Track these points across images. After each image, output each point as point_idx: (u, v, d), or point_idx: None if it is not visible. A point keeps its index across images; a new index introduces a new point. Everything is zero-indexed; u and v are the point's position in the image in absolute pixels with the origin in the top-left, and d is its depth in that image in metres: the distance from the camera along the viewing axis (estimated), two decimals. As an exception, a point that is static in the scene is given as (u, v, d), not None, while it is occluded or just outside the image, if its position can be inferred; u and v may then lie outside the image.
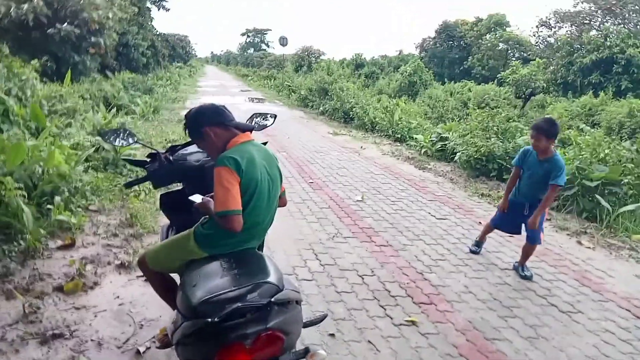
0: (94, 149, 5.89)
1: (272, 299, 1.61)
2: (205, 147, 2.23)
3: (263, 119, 2.86)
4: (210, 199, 2.07)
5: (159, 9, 39.21)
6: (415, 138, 10.02)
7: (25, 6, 12.38)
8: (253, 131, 2.32)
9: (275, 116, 2.95)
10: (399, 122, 11.75)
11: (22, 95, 6.37)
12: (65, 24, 13.25)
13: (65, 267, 3.56)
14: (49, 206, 4.12)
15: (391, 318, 3.21)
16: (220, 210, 1.91)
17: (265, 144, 2.46)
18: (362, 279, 3.79)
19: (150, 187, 4.17)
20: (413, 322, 3.16)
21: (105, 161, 6.02)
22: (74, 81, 12.13)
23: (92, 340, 2.74)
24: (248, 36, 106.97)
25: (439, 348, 2.88)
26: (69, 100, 7.72)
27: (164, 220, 3.15)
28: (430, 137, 9.57)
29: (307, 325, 2.29)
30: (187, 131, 2.20)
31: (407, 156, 9.16)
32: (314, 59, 47.38)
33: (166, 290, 2.27)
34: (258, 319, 1.58)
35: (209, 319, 1.54)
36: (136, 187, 5.24)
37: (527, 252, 3.96)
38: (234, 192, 1.91)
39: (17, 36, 13.09)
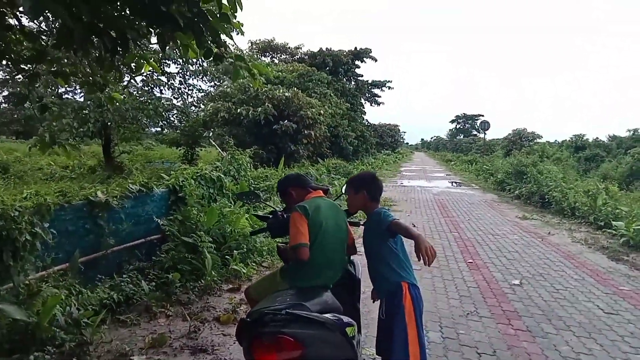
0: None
1: (288, 311, 2.02)
2: (289, 202, 2.86)
3: None
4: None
5: (371, 104, 43.81)
6: (615, 226, 8.70)
7: (259, 109, 15.91)
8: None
9: None
10: (602, 208, 10.36)
11: (237, 175, 8.25)
12: (286, 120, 16.36)
13: (227, 304, 4.54)
14: (229, 258, 5.29)
15: (491, 397, 3.07)
16: (293, 244, 2.47)
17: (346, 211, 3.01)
18: (480, 356, 3.68)
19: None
20: (514, 406, 2.97)
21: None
22: (288, 166, 14.68)
23: (224, 359, 3.48)
24: (458, 122, 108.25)
25: None
26: (272, 180, 9.54)
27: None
28: (634, 225, 8.21)
29: None
30: (278, 192, 2.88)
31: (602, 245, 8.02)
32: (526, 142, 44.92)
33: None
34: (277, 325, 2.00)
35: (244, 318, 2.07)
36: None
37: None
38: (302, 230, 2.48)
39: (252, 131, 16.72)
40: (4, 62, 3.69)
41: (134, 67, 4.09)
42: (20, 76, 3.99)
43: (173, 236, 5.39)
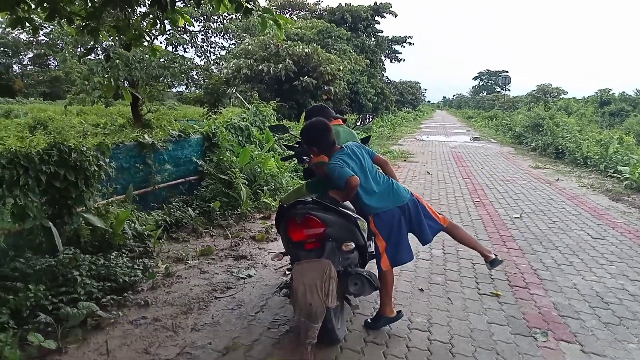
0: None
1: (314, 198, 2.70)
2: None
3: (364, 119, 3.97)
4: None
5: (391, 61, 43.24)
6: (620, 170, 9.13)
7: (280, 66, 16.39)
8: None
9: (373, 116, 3.99)
10: (613, 156, 10.72)
11: (262, 125, 8.92)
12: (306, 77, 16.82)
13: (260, 227, 5.34)
14: (260, 192, 6.04)
15: (479, 289, 3.78)
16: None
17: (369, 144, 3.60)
18: (473, 265, 4.37)
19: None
20: (497, 295, 3.67)
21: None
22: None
23: (261, 263, 4.29)
24: (481, 79, 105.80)
25: (507, 312, 3.36)
26: (294, 131, 10.19)
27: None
28: (639, 170, 8.63)
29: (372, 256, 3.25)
30: (305, 120, 3.52)
31: (606, 189, 8.50)
32: (550, 98, 44.11)
33: None
34: (306, 208, 2.68)
35: (282, 204, 2.78)
36: None
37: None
38: None
39: (274, 88, 17.28)
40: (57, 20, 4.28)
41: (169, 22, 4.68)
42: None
43: (210, 175, 6.14)
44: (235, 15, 21.97)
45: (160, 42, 21.62)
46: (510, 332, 3.07)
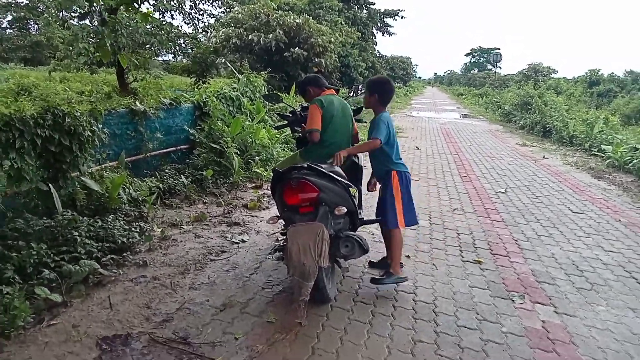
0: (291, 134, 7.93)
1: (309, 164, 2.82)
2: (307, 99, 3.58)
3: (356, 90, 4.06)
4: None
5: (383, 35, 42.75)
6: (604, 149, 9.37)
7: (270, 36, 16.17)
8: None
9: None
10: (597, 135, 10.96)
11: (253, 96, 8.91)
12: (297, 48, 16.63)
13: (252, 196, 5.46)
14: (251, 162, 6.12)
15: (462, 257, 3.97)
16: (308, 128, 3.23)
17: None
18: (458, 234, 4.56)
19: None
20: (479, 262, 3.86)
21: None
22: (297, 94, 15.23)
23: (254, 230, 4.42)
24: (473, 56, 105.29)
25: (487, 277, 3.56)
26: (285, 102, 10.19)
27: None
28: (621, 149, 8.88)
29: (365, 222, 3.40)
30: (298, 90, 3.61)
31: (589, 167, 8.74)
32: (541, 77, 44.20)
33: None
34: (301, 174, 2.80)
35: (277, 170, 2.89)
36: None
37: (387, 244, 3.44)
38: (316, 119, 3.22)
39: (263, 58, 17.07)
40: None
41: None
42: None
43: (202, 144, 6.19)
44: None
45: (147, 8, 21.08)
46: (490, 295, 3.26)
